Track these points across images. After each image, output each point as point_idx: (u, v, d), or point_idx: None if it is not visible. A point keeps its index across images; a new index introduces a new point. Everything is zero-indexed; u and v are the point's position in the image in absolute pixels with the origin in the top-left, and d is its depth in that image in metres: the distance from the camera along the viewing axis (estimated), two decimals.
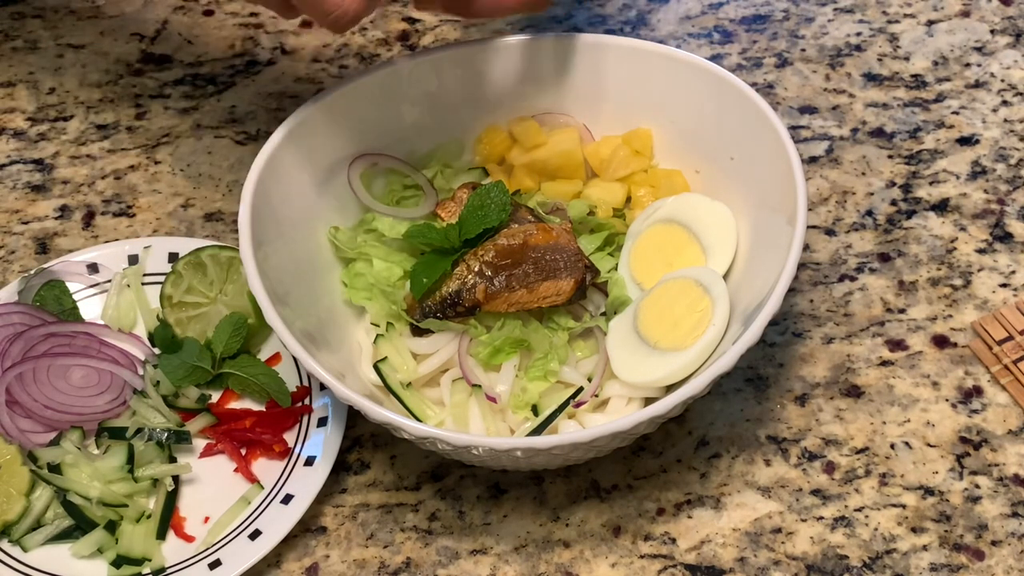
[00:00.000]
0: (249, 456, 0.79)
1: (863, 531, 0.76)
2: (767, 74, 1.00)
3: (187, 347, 0.82)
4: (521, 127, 0.86)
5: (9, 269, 0.92)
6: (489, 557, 0.76)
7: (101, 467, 0.77)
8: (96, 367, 0.81)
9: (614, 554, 0.76)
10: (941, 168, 0.94)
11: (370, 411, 0.69)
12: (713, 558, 0.75)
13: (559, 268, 0.76)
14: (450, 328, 0.77)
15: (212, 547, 0.75)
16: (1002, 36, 1.02)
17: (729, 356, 0.69)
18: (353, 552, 0.77)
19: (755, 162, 0.79)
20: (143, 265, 0.87)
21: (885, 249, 0.89)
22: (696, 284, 0.77)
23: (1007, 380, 0.82)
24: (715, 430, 0.81)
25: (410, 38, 1.06)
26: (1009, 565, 0.74)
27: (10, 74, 1.04)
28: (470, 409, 0.76)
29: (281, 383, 0.81)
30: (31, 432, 0.80)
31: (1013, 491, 0.77)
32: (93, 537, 0.76)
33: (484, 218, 0.78)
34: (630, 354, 0.76)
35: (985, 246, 0.89)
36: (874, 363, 0.83)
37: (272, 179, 0.78)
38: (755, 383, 0.83)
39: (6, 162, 0.99)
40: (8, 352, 0.81)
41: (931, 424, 0.80)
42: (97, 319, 0.85)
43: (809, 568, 0.75)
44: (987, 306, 0.86)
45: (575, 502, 0.78)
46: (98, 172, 0.97)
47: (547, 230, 0.78)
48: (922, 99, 0.98)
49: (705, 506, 0.78)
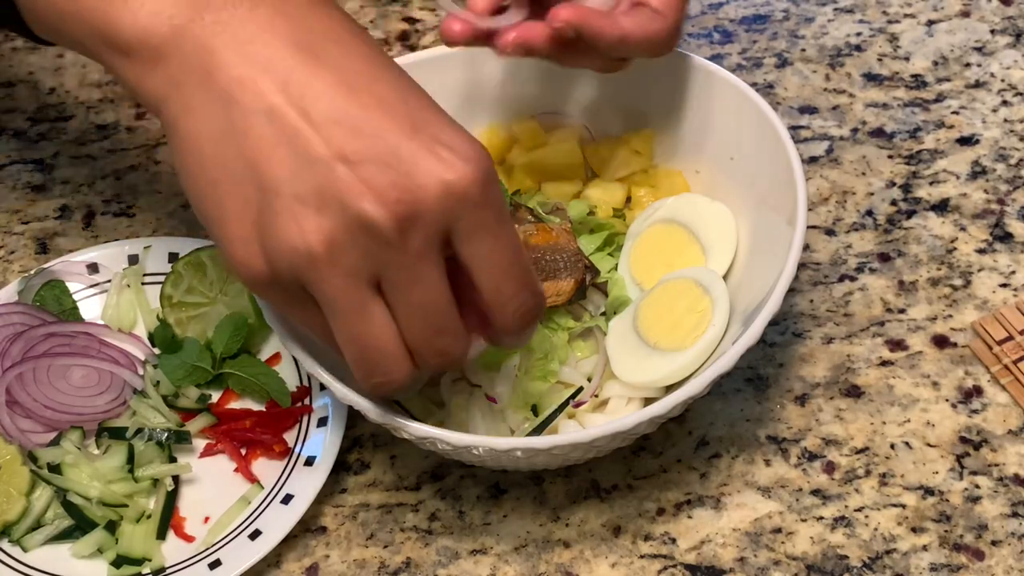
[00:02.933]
0: (249, 456, 0.79)
1: (863, 531, 0.76)
2: (767, 74, 1.00)
3: (187, 347, 0.82)
4: (521, 127, 0.86)
5: (9, 269, 0.92)
6: (489, 557, 0.76)
7: (101, 467, 0.77)
8: (96, 367, 0.81)
9: (614, 554, 0.76)
10: (941, 168, 0.94)
11: (370, 411, 0.69)
12: (713, 558, 0.75)
13: (559, 268, 0.76)
14: None
15: (212, 547, 0.75)
16: (1002, 36, 1.02)
17: (729, 356, 0.69)
18: (353, 552, 0.77)
19: (755, 162, 0.79)
20: (143, 265, 0.87)
21: (885, 249, 0.89)
22: (696, 284, 0.77)
23: (1007, 380, 0.82)
24: (715, 430, 0.81)
25: (410, 38, 1.06)
26: (1009, 565, 0.74)
27: (10, 74, 1.04)
28: (470, 409, 0.76)
29: (281, 383, 0.81)
30: (31, 432, 0.80)
31: (1013, 491, 0.77)
32: (93, 537, 0.76)
33: None
34: (630, 354, 0.76)
35: (985, 246, 0.89)
36: (874, 363, 0.83)
37: None
38: (755, 383, 0.83)
39: (6, 162, 0.99)
40: (8, 352, 0.81)
41: (931, 424, 0.80)
42: (97, 319, 0.85)
43: (809, 568, 0.75)
44: (987, 306, 0.86)
45: (575, 502, 0.78)
46: (98, 172, 0.97)
47: (547, 230, 0.78)
48: (922, 99, 0.98)
49: (705, 506, 0.78)
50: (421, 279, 0.59)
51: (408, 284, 0.59)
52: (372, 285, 0.59)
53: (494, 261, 0.60)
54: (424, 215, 0.57)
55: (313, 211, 0.57)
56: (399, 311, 0.60)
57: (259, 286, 0.61)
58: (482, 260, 0.60)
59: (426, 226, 0.57)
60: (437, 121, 0.60)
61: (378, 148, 0.57)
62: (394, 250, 0.57)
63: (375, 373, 0.62)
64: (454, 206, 0.58)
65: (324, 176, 0.57)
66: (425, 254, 0.58)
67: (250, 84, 0.58)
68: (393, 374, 0.62)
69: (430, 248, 0.58)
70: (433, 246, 0.58)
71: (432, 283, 0.59)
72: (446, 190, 0.57)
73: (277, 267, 0.59)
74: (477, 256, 0.60)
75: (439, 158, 0.58)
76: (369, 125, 0.58)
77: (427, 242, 0.58)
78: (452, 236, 0.59)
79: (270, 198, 0.58)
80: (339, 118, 0.58)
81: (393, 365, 0.61)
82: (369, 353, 0.61)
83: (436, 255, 0.59)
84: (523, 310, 0.62)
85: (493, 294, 0.61)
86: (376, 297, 0.59)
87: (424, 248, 0.58)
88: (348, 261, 0.58)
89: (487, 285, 0.61)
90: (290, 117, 0.57)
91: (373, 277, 0.59)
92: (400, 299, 0.59)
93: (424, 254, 0.58)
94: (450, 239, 0.59)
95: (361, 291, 0.59)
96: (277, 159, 0.57)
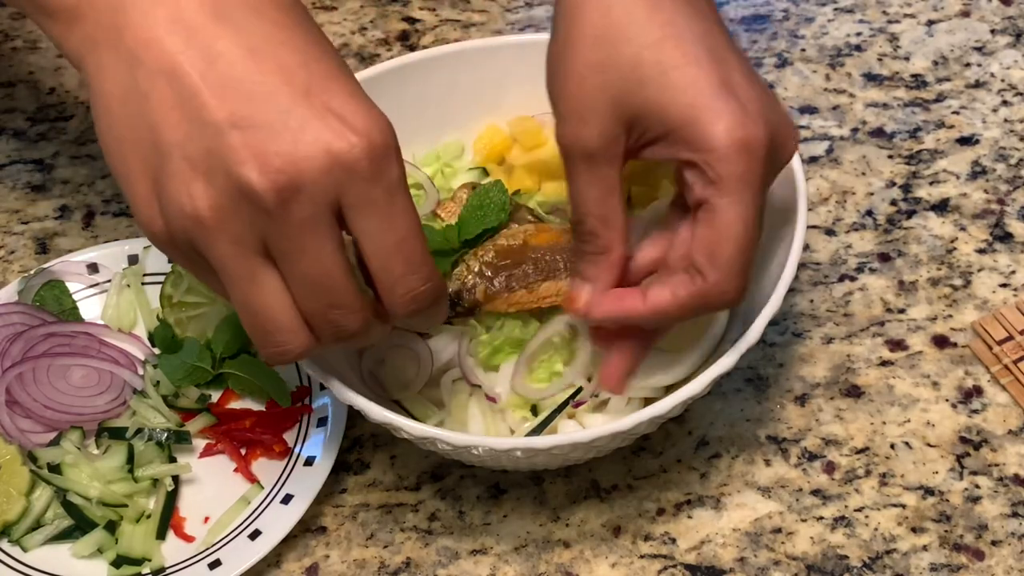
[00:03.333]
0: (249, 456, 0.79)
1: (863, 531, 0.76)
2: (767, 74, 1.00)
3: (187, 347, 0.82)
4: (521, 127, 0.86)
5: (9, 269, 0.92)
6: (489, 557, 0.76)
7: (101, 467, 0.77)
8: (96, 367, 0.82)
9: (614, 554, 0.76)
10: (941, 168, 0.94)
11: (370, 411, 0.69)
12: (713, 558, 0.75)
13: (559, 268, 0.76)
14: (450, 329, 0.77)
15: (212, 547, 0.75)
16: (1002, 36, 1.02)
17: (729, 356, 0.69)
18: (353, 552, 0.77)
19: None
20: (143, 265, 0.87)
21: (885, 249, 0.89)
22: None
23: (1007, 380, 0.82)
24: (715, 430, 0.81)
25: (410, 38, 1.06)
26: (1009, 565, 0.74)
27: (10, 74, 1.04)
28: (470, 409, 0.76)
29: (281, 383, 0.81)
30: (31, 432, 0.80)
31: (1013, 491, 0.77)
32: (93, 537, 0.76)
33: (484, 218, 0.78)
34: None
35: (985, 246, 0.89)
36: (874, 363, 0.83)
37: None
38: (755, 383, 0.83)
39: (6, 162, 0.99)
40: (8, 352, 0.81)
41: (931, 424, 0.80)
42: (97, 319, 0.85)
43: (809, 568, 0.75)
44: (987, 306, 0.86)
45: (575, 502, 0.78)
46: (98, 172, 0.97)
47: (547, 230, 0.78)
48: (922, 99, 0.98)
49: (705, 506, 0.78)
50: (307, 250, 0.58)
51: (294, 254, 0.58)
52: (261, 253, 0.58)
53: (381, 240, 0.59)
54: (307, 186, 0.56)
55: (202, 176, 0.57)
56: (290, 281, 0.59)
57: (161, 245, 0.60)
58: (368, 238, 0.59)
59: (310, 197, 0.56)
60: (339, 90, 0.58)
61: (268, 114, 0.56)
62: (276, 220, 0.57)
63: (268, 343, 0.61)
64: (340, 177, 0.56)
65: (213, 140, 0.56)
66: (311, 225, 0.57)
67: (155, 44, 0.58)
68: (288, 344, 0.60)
69: (317, 219, 0.57)
70: (321, 217, 0.57)
71: (320, 254, 0.58)
72: (331, 160, 0.56)
73: (172, 228, 0.58)
74: (364, 233, 0.59)
75: (328, 126, 0.56)
76: (263, 89, 0.57)
77: (313, 213, 0.57)
78: (342, 209, 0.58)
79: (164, 161, 0.57)
80: (236, 82, 0.57)
81: (288, 335, 0.60)
82: (261, 321, 0.60)
83: (326, 227, 0.57)
84: (412, 294, 0.61)
85: (379, 273, 0.60)
86: (268, 265, 0.59)
87: (310, 219, 0.57)
88: (234, 229, 0.57)
89: (373, 264, 0.60)
90: (190, 79, 0.57)
91: (261, 245, 0.58)
92: (288, 269, 0.59)
93: (310, 225, 0.57)
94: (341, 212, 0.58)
95: (249, 259, 0.58)
96: (173, 121, 0.57)
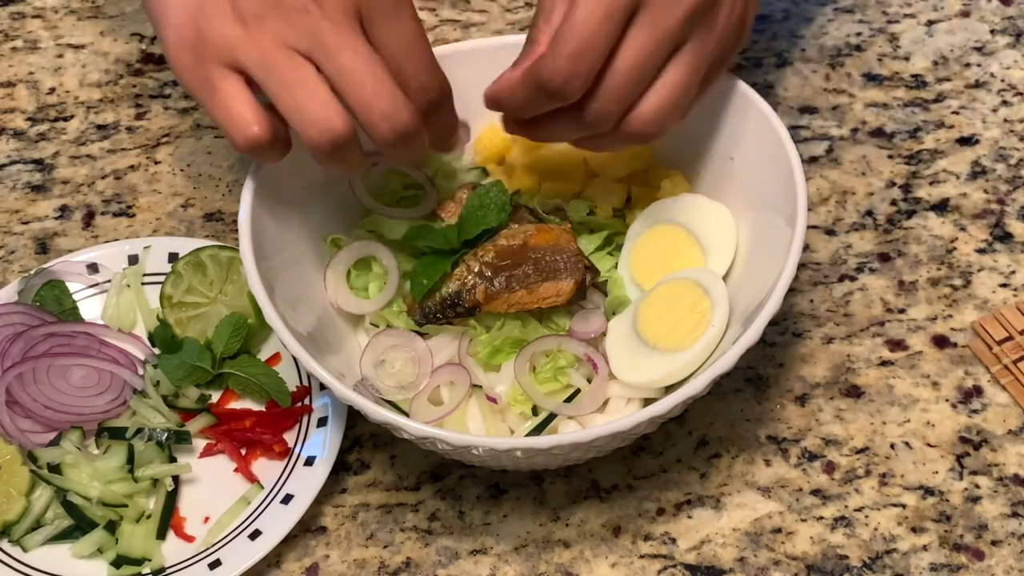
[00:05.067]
0: (249, 456, 0.79)
1: (863, 531, 0.76)
2: (767, 74, 1.00)
3: (187, 347, 0.82)
4: None
5: (9, 269, 0.92)
6: (489, 557, 0.76)
7: (101, 467, 0.77)
8: (96, 367, 0.82)
9: (614, 554, 0.76)
10: (941, 168, 0.94)
11: (370, 411, 0.69)
12: (713, 558, 0.75)
13: (559, 269, 0.76)
14: (450, 329, 0.77)
15: (212, 547, 0.75)
16: (1002, 36, 1.02)
17: (729, 356, 0.69)
18: (353, 552, 0.77)
19: (755, 162, 0.79)
20: (143, 265, 0.87)
21: (885, 249, 0.89)
22: (696, 285, 0.77)
23: (1007, 380, 0.82)
24: (715, 430, 0.81)
25: None
26: (1009, 565, 0.74)
27: (10, 74, 1.04)
28: (470, 409, 0.76)
29: (281, 383, 0.81)
30: (31, 432, 0.80)
31: (1013, 491, 0.77)
32: (93, 537, 0.76)
33: (484, 218, 0.78)
34: (630, 354, 0.76)
35: (985, 246, 0.89)
36: (874, 363, 0.83)
37: (272, 179, 0.78)
38: (755, 383, 0.83)
39: (6, 162, 0.99)
40: (8, 352, 0.81)
41: (931, 424, 0.80)
42: (97, 319, 0.85)
43: (809, 568, 0.75)
44: (987, 306, 0.86)
45: (575, 502, 0.78)
46: (98, 172, 0.97)
47: (547, 230, 0.78)
48: (922, 99, 0.98)
49: (705, 506, 0.78)
50: (345, 44, 0.67)
51: (334, 50, 0.67)
52: (301, 53, 0.67)
53: (395, 45, 0.69)
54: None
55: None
56: (334, 79, 0.67)
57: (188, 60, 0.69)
58: (383, 45, 0.68)
59: None
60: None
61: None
62: (314, 17, 0.66)
63: (314, 123, 0.67)
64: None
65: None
66: (345, 24, 0.67)
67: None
68: (332, 120, 0.67)
69: (348, 20, 0.67)
70: (351, 19, 0.67)
71: (358, 48, 0.67)
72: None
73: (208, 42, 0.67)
74: (378, 40, 0.68)
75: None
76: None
77: (344, 12, 0.67)
78: (363, 21, 0.68)
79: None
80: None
81: (330, 111, 0.67)
82: (306, 104, 0.67)
83: (358, 29, 0.67)
84: (423, 88, 0.70)
85: (395, 75, 0.68)
86: (307, 63, 0.67)
87: (342, 17, 0.67)
88: (275, 27, 0.67)
89: (391, 66, 0.68)
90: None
91: (302, 44, 0.67)
92: (329, 65, 0.67)
93: (345, 24, 0.67)
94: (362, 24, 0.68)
95: (291, 53, 0.67)
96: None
